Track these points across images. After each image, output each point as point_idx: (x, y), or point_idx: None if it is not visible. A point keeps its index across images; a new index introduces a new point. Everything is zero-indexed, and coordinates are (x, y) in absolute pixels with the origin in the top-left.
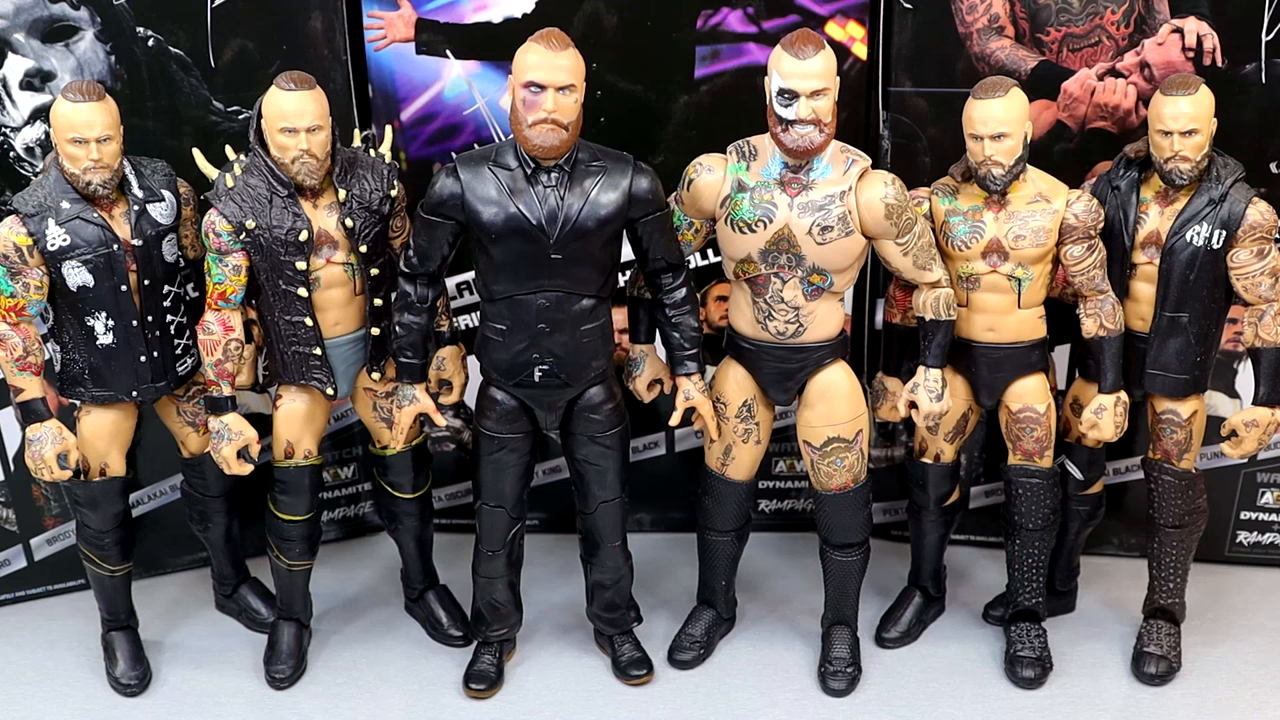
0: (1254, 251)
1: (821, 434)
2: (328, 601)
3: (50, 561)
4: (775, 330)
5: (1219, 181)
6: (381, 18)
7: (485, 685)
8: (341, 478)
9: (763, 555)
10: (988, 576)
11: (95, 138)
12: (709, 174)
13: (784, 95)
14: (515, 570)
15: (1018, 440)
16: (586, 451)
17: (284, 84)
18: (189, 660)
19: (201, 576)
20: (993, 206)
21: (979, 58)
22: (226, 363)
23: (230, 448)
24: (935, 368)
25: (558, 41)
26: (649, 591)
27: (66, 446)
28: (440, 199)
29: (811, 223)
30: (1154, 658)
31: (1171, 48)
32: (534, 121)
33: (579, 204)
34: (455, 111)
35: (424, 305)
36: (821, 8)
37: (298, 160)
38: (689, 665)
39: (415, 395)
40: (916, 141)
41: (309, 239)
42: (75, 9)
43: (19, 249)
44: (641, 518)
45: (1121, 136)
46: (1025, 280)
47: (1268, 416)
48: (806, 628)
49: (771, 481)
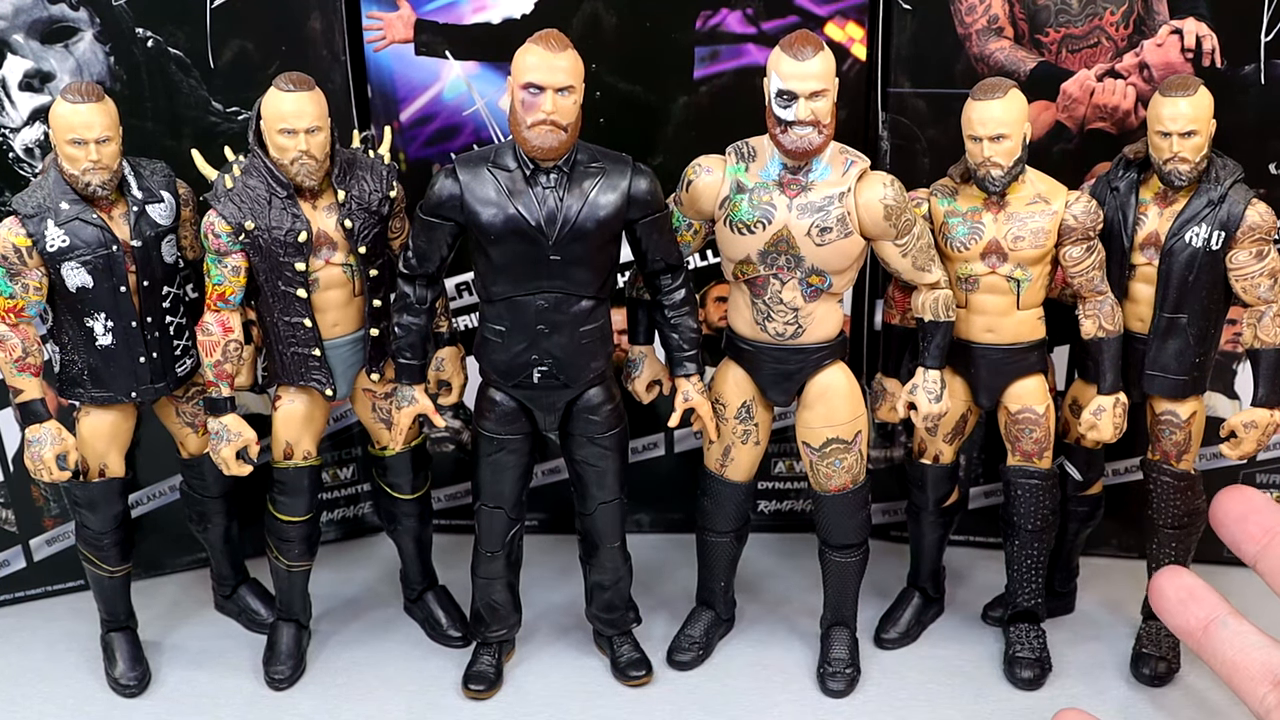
0: (1253, 253)
1: (820, 435)
2: (327, 602)
3: (49, 562)
4: (774, 331)
5: (1218, 183)
6: (381, 19)
7: (484, 686)
8: (341, 478)
9: (762, 556)
10: (987, 577)
11: (94, 139)
12: (708, 175)
13: (783, 96)
14: (514, 571)
15: (1016, 441)
16: (585, 452)
17: (283, 85)
18: (188, 661)
19: (201, 577)
20: (992, 208)
21: (978, 59)
22: (225, 364)
23: (229, 449)
24: (934, 369)
25: (556, 43)
26: (648, 592)
27: (66, 447)
28: (439, 200)
29: (810, 224)
30: (1153, 659)
31: (1170, 49)
32: (533, 123)
33: (578, 205)
34: (454, 112)
35: (423, 306)
36: (821, 9)
37: (297, 161)
38: (688, 666)
39: (414, 396)
40: (915, 142)
41: (308, 240)
42: (74, 10)
43: (18, 250)
44: (640, 518)
45: (1120, 137)
46: (1024, 281)
47: (1267, 417)
48: (805, 629)
49: (770, 482)
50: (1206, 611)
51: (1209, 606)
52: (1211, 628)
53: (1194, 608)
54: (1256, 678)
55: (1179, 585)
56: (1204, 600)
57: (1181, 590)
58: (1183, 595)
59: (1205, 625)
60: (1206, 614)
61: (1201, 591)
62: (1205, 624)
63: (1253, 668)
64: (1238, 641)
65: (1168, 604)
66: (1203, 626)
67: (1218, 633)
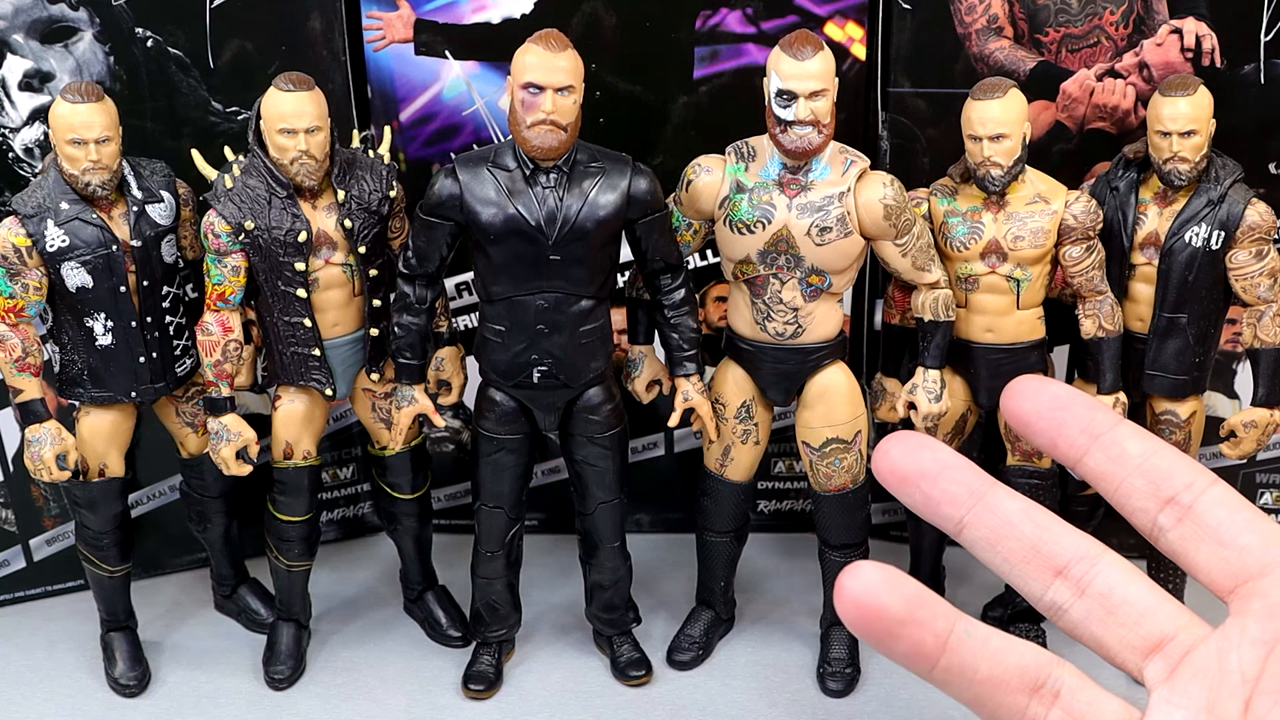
0: (1253, 252)
1: (820, 435)
2: (327, 602)
3: (49, 562)
4: (774, 331)
5: (1218, 182)
6: (380, 18)
7: (484, 686)
8: (340, 478)
9: (761, 556)
10: (987, 577)
11: (94, 139)
12: (707, 175)
13: (782, 96)
14: (514, 571)
15: (1016, 441)
16: (585, 452)
17: (283, 85)
18: (188, 661)
19: (201, 577)
20: (991, 207)
21: (978, 58)
22: (225, 364)
23: (229, 448)
24: (934, 368)
25: (556, 42)
26: (648, 592)
27: (66, 447)
28: (439, 200)
29: (810, 224)
30: None
31: (1170, 48)
32: (533, 123)
33: (578, 205)
34: (454, 112)
35: (423, 306)
36: (820, 8)
37: (297, 161)
38: (688, 666)
39: (414, 396)
40: (915, 142)
41: (308, 240)
42: (74, 10)
43: (18, 250)
44: (640, 518)
45: (1120, 137)
46: (1024, 281)
47: (1266, 417)
48: (805, 628)
49: (770, 482)
50: (942, 624)
51: (942, 617)
52: (952, 641)
53: (924, 623)
54: (1014, 687)
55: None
56: (935, 610)
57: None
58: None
59: (943, 642)
60: (942, 626)
61: (925, 605)
62: (943, 640)
63: (1009, 677)
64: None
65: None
66: (940, 646)
67: (960, 645)
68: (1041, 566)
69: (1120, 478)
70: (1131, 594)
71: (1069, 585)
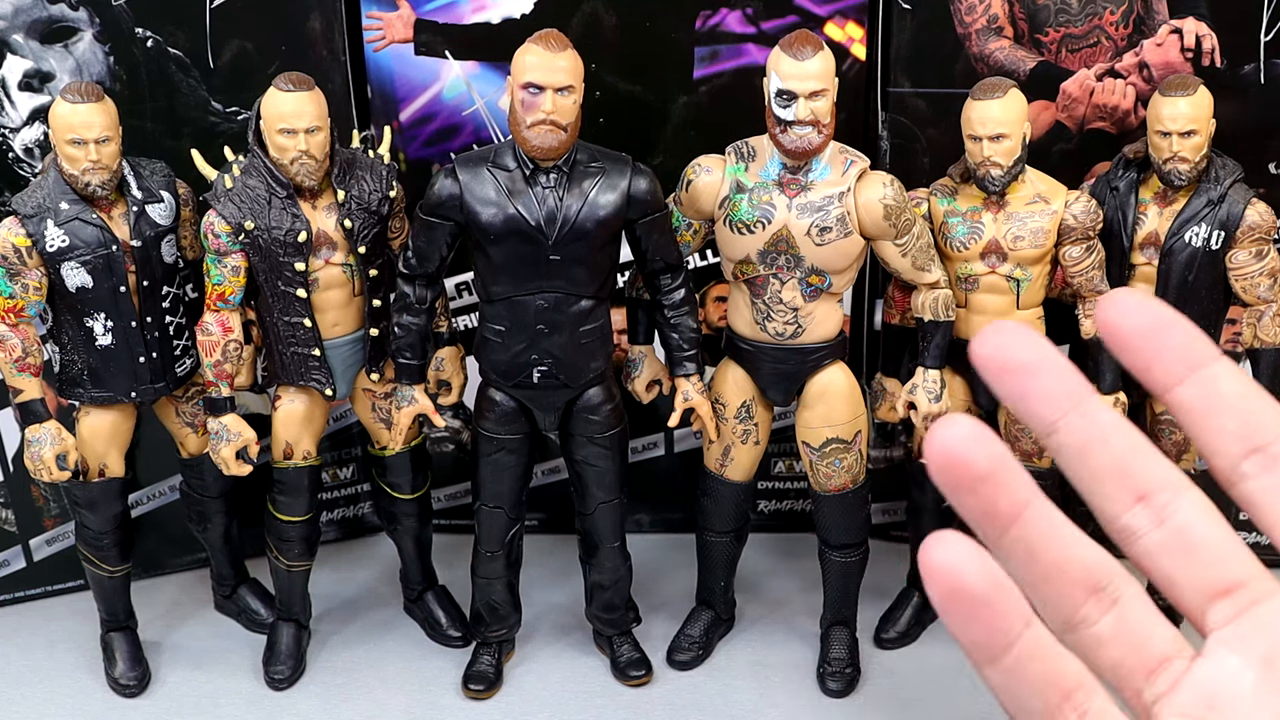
0: (1252, 252)
1: (820, 435)
2: (327, 602)
3: (49, 562)
4: (774, 331)
5: (1217, 182)
6: (380, 18)
7: (484, 686)
8: (340, 478)
9: (761, 556)
10: None
11: (94, 139)
12: (707, 175)
13: (782, 96)
14: (514, 571)
15: (1016, 440)
16: (585, 452)
17: (282, 85)
18: (188, 661)
19: (201, 577)
20: (991, 207)
21: (978, 58)
22: (225, 364)
23: (229, 449)
24: (934, 368)
25: (556, 42)
26: (648, 592)
27: (66, 447)
28: (439, 200)
29: (810, 224)
30: None
31: (1170, 48)
32: (532, 123)
33: (578, 205)
34: (454, 112)
35: (423, 306)
36: (820, 8)
37: (296, 161)
38: (688, 666)
39: (414, 396)
40: (915, 142)
41: (308, 240)
42: (74, 10)
43: (18, 250)
44: (640, 518)
45: (1120, 137)
46: (1024, 281)
47: None
48: (805, 628)
49: (770, 482)
50: (1021, 493)
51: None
52: (1028, 513)
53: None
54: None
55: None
56: (1017, 477)
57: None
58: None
59: (1019, 511)
60: (1021, 495)
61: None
62: (1019, 509)
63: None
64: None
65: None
66: (1014, 514)
67: (1035, 520)
68: (1126, 487)
69: (1210, 415)
70: (1212, 534)
71: (1150, 512)
